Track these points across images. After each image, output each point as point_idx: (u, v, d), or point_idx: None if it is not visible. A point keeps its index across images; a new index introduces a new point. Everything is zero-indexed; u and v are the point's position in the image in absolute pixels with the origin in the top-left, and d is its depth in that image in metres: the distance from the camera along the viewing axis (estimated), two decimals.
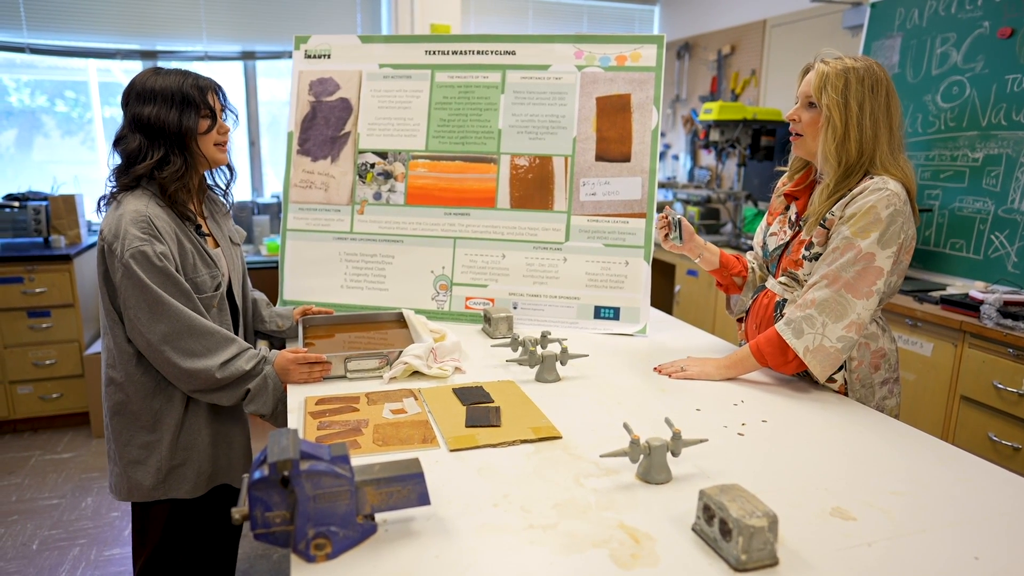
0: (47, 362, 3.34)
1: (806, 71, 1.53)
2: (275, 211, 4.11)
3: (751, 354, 1.55)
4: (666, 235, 1.77)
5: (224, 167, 1.66)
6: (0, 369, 3.30)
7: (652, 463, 1.12)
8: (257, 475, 0.90)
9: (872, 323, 1.54)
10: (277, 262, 2.25)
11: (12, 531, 2.58)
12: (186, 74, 1.51)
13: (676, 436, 1.13)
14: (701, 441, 1.16)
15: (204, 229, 1.59)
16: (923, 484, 1.14)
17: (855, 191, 1.44)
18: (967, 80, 2.68)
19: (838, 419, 1.40)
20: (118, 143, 1.50)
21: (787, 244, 1.61)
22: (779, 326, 1.49)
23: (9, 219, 3.50)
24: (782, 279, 1.62)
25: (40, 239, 3.52)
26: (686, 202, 4.47)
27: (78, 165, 4.04)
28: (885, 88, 1.45)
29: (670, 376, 1.62)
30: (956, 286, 2.60)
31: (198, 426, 1.55)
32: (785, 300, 1.59)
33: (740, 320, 1.81)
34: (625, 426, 1.15)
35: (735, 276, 1.81)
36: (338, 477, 0.91)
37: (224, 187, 1.71)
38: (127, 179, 1.47)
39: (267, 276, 3.43)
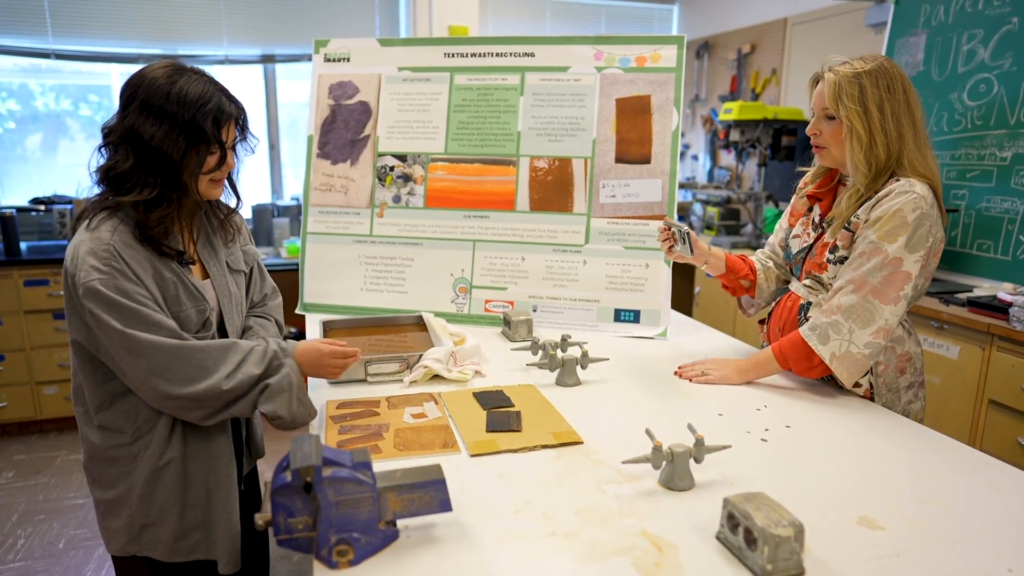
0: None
1: (815, 81, 1.50)
2: (295, 213, 4.14)
3: (773, 358, 1.53)
4: (670, 247, 1.73)
5: (233, 193, 1.45)
6: (27, 370, 3.35)
7: (675, 470, 1.11)
8: (280, 481, 0.90)
9: (898, 326, 1.52)
10: (297, 264, 2.25)
11: (39, 530, 2.62)
12: (209, 93, 1.25)
13: (699, 442, 1.12)
14: (724, 447, 1.15)
15: (188, 256, 1.34)
16: (952, 492, 1.11)
17: (881, 193, 1.42)
18: (995, 78, 2.63)
19: (863, 425, 1.38)
20: (106, 144, 1.27)
21: (811, 246, 1.59)
22: (804, 331, 1.47)
23: (35, 222, 3.57)
24: (806, 282, 1.59)
25: (65, 242, 3.58)
26: (705, 202, 4.43)
27: None
28: (901, 85, 1.41)
29: (691, 381, 1.61)
30: (983, 288, 2.55)
31: (171, 486, 1.30)
32: (809, 303, 1.57)
33: (762, 322, 1.79)
34: (647, 432, 1.14)
35: (742, 279, 1.79)
36: (360, 484, 0.91)
37: (224, 212, 1.46)
38: (108, 201, 1.24)
39: (287, 279, 3.45)
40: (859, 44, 3.60)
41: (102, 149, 1.27)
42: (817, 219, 1.60)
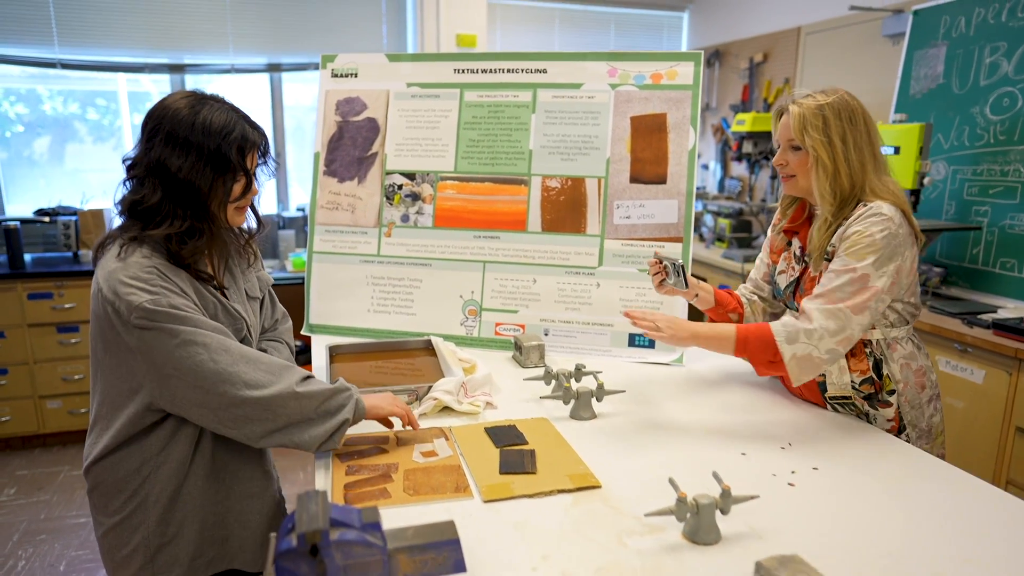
0: (76, 377, 3.35)
1: (779, 113, 1.54)
2: (300, 225, 4.09)
3: (734, 338, 1.47)
4: (660, 281, 1.68)
5: (254, 218, 1.44)
6: (30, 384, 3.32)
7: (700, 523, 1.05)
8: (285, 545, 0.85)
9: (907, 341, 1.53)
10: (303, 279, 2.20)
11: (40, 551, 2.58)
12: (232, 122, 1.25)
13: (725, 493, 1.06)
14: (751, 498, 1.09)
15: (219, 281, 1.35)
16: (995, 550, 1.05)
17: (850, 219, 1.45)
18: (1019, 91, 2.56)
19: (894, 468, 1.31)
20: (131, 177, 1.25)
21: (798, 280, 1.61)
22: (775, 328, 1.45)
23: (40, 234, 3.53)
24: None
25: (69, 254, 3.55)
26: (716, 214, 4.36)
27: (109, 172, 4.05)
28: (862, 117, 1.46)
29: (635, 324, 1.53)
30: (1008, 308, 2.48)
31: (194, 502, 1.28)
32: None
33: None
34: (671, 482, 1.08)
35: (730, 312, 1.77)
36: (370, 546, 0.86)
37: (244, 237, 1.45)
38: (135, 231, 1.23)
39: (293, 292, 3.40)
40: (875, 55, 3.53)
41: (127, 182, 1.27)
42: (799, 252, 1.62)
